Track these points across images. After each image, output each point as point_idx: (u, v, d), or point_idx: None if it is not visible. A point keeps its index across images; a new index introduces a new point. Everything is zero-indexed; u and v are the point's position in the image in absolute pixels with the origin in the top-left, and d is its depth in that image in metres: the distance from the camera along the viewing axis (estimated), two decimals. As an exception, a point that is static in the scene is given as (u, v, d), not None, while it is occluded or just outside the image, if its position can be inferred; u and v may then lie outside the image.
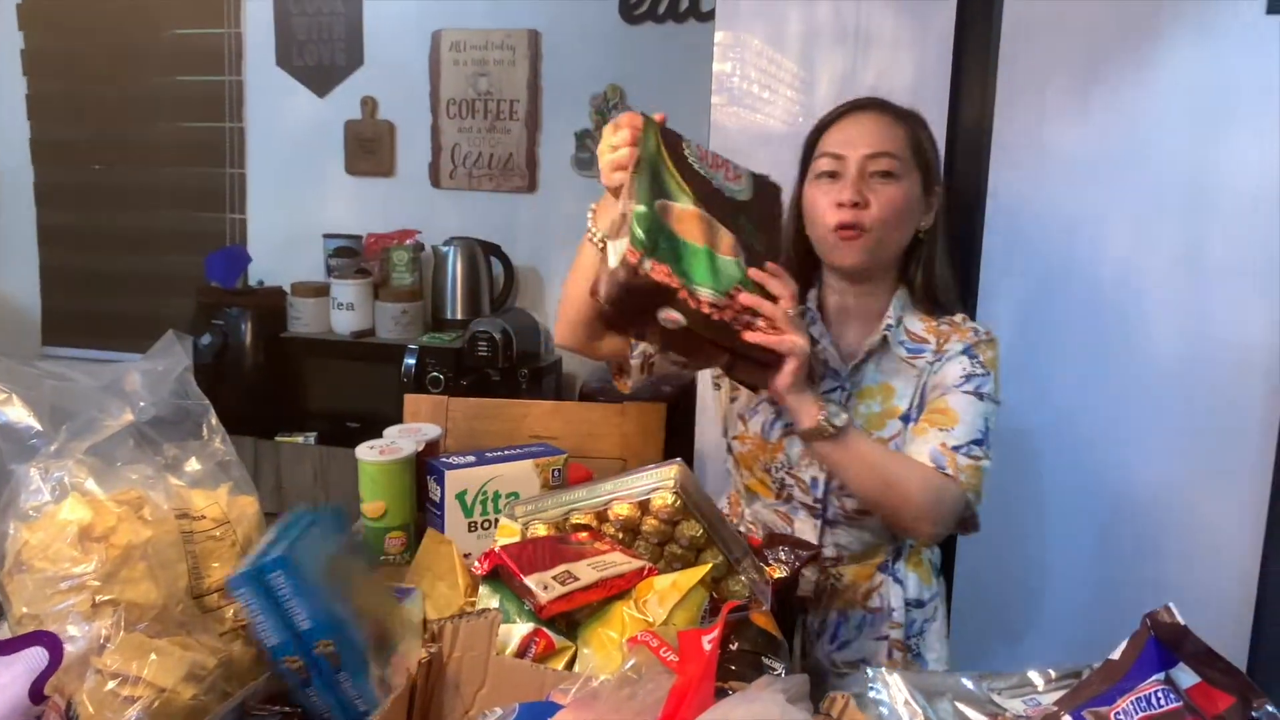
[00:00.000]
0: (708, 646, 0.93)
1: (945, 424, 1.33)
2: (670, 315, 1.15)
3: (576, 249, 1.32)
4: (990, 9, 1.88)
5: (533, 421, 1.77)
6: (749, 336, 1.19)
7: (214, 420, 1.02)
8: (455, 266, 3.04)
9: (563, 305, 1.40)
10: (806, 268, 1.44)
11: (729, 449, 1.52)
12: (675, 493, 1.15)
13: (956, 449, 1.31)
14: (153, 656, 0.86)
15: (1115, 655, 0.73)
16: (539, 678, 0.94)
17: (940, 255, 1.42)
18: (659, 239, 1.13)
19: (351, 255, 3.17)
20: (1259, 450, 1.84)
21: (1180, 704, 0.67)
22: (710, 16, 2.08)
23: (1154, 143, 1.81)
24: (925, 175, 1.37)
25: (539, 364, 2.92)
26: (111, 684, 0.85)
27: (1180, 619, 0.71)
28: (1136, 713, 0.67)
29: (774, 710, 0.84)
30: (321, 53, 3.29)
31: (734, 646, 1.08)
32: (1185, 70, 1.78)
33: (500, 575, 1.05)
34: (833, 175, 1.36)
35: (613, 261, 1.14)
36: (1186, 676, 0.69)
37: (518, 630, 1.00)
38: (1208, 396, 1.85)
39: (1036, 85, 1.87)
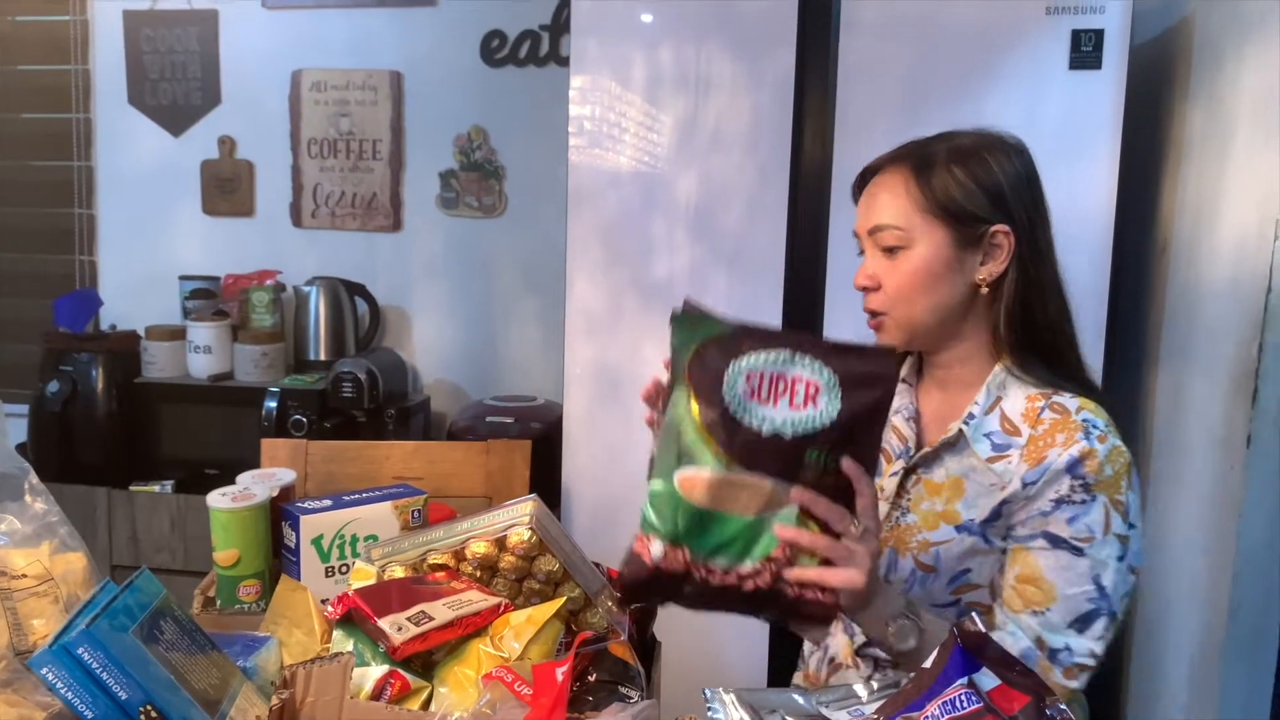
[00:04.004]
0: (560, 678, 0.96)
1: (1039, 602, 1.11)
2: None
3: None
4: (826, 55, 2.01)
5: (395, 462, 1.76)
6: (796, 578, 1.00)
7: (34, 480, 1.02)
8: (318, 306, 2.99)
9: None
10: None
11: None
12: (531, 528, 1.18)
13: (1055, 654, 1.10)
14: (-24, 713, 0.84)
15: (927, 664, 0.79)
16: (393, 719, 0.95)
17: (1031, 302, 1.16)
18: (677, 518, 0.99)
19: (209, 297, 3.08)
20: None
21: (981, 705, 0.73)
22: (569, 62, 2.14)
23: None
24: (964, 224, 1.14)
25: (406, 404, 2.89)
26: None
27: (982, 627, 0.77)
28: (943, 716, 0.73)
29: (620, 736, 0.88)
30: (176, 91, 3.22)
31: (593, 677, 1.10)
32: (1000, 114, 1.93)
33: (354, 618, 1.06)
34: (862, 254, 1.23)
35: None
36: (988, 679, 0.75)
37: (372, 673, 1.01)
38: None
39: (868, 124, 2.00)
